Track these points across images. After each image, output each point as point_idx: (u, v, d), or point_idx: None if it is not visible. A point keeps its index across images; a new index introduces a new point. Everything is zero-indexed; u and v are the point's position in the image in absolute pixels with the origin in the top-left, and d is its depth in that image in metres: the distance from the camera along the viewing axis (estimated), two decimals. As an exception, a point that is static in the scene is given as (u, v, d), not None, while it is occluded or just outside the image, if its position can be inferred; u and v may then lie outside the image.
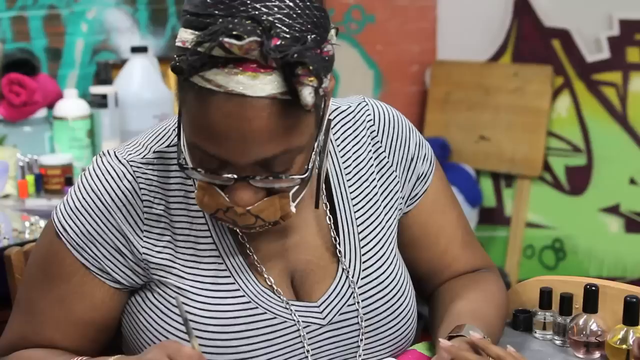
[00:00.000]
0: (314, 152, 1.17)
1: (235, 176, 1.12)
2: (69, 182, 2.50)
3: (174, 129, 1.27)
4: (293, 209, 1.17)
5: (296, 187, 1.16)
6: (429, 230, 1.40)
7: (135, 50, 2.90)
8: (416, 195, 1.39)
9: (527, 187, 3.61)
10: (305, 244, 1.30)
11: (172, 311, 1.24)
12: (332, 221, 1.31)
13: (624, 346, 1.34)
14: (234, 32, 1.03)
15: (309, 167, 1.15)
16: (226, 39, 1.03)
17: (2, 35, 2.75)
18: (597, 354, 1.39)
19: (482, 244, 1.54)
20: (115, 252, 1.24)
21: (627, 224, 3.42)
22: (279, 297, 1.26)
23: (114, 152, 1.26)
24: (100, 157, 1.27)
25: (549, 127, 3.54)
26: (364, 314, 1.30)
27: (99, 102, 2.76)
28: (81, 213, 1.24)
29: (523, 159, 3.57)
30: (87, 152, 2.73)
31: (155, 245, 1.24)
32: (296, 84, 1.05)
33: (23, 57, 2.76)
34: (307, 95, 1.05)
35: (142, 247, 1.23)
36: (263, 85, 1.06)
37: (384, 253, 1.33)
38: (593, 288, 1.38)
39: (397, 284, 1.33)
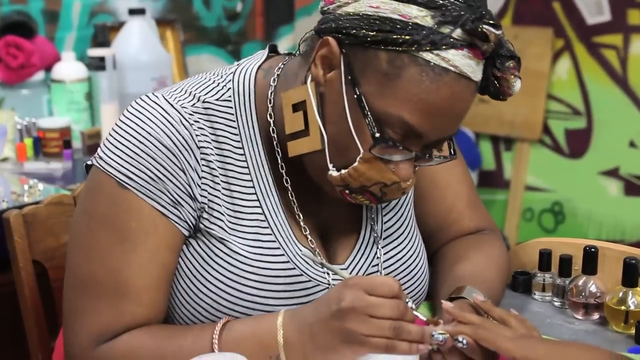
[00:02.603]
0: None
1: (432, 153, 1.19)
2: (67, 145, 2.49)
3: (225, 85, 1.25)
4: None
5: None
6: (437, 184, 1.43)
7: (133, 12, 2.88)
8: None
9: (526, 150, 3.60)
10: (343, 214, 1.31)
11: (213, 261, 1.21)
12: None
13: (623, 307, 1.34)
14: (491, 21, 1.10)
15: (454, 150, 1.24)
16: (486, 27, 1.09)
17: (-2, -3, 2.73)
18: (595, 315, 1.40)
19: (482, 207, 1.55)
20: (187, 196, 1.19)
21: (627, 187, 3.42)
22: (316, 259, 1.25)
23: (163, 97, 1.21)
24: (146, 101, 1.21)
25: (549, 90, 3.53)
26: (384, 275, 1.32)
27: (97, 64, 2.74)
28: (143, 158, 1.17)
29: (523, 122, 3.56)
30: (85, 115, 2.72)
31: (210, 194, 1.21)
32: (506, 75, 1.15)
33: (20, 20, 2.75)
34: (519, 86, 1.16)
35: (200, 194, 1.20)
36: (480, 71, 1.14)
37: (401, 216, 1.37)
38: (592, 250, 1.38)
39: (412, 246, 1.36)
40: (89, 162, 1.24)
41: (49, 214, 1.55)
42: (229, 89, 1.25)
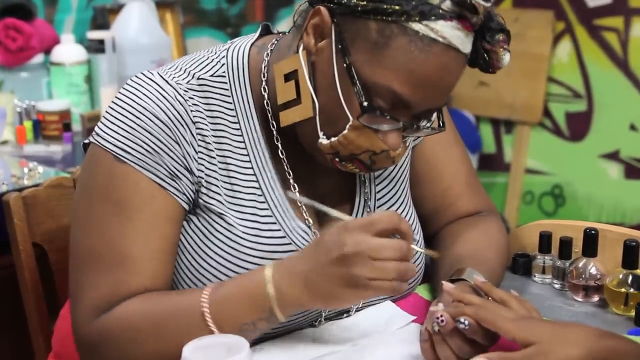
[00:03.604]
0: None
1: (423, 122, 1.19)
2: (67, 127, 2.49)
3: (219, 61, 1.27)
4: None
5: None
6: (433, 165, 1.44)
7: (132, -6, 2.87)
8: None
9: (527, 133, 3.60)
10: (336, 186, 1.33)
11: (213, 235, 1.23)
12: None
13: (623, 290, 1.34)
14: None
15: (443, 122, 1.24)
16: None
17: (-3, -20, 2.72)
18: (595, 298, 1.40)
19: (482, 190, 1.55)
20: (184, 169, 1.20)
21: (627, 170, 3.42)
22: (313, 234, 1.27)
23: (158, 74, 1.23)
24: (142, 78, 1.22)
25: (549, 73, 3.52)
26: None
27: (96, 47, 2.73)
28: (139, 132, 1.18)
29: (523, 105, 3.55)
30: (84, 98, 2.72)
31: (207, 169, 1.22)
32: (496, 48, 1.16)
33: (19, 2, 2.73)
34: (508, 59, 1.17)
35: (197, 169, 1.21)
36: (469, 43, 1.14)
37: (394, 187, 1.38)
38: (593, 232, 1.38)
39: (406, 217, 1.37)
40: (86, 141, 1.25)
41: (48, 196, 1.55)
42: (223, 64, 1.27)
